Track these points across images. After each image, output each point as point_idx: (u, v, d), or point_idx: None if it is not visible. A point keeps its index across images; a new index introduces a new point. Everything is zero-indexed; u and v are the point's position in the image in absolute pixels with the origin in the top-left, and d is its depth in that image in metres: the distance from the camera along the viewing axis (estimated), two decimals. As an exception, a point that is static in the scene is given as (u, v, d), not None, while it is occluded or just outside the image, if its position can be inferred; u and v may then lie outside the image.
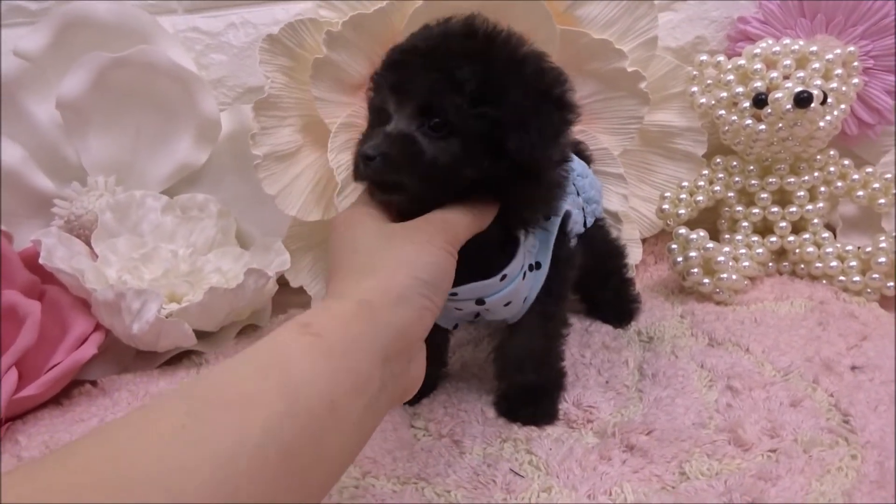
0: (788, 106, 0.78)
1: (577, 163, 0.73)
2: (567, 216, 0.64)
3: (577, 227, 0.68)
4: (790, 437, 0.59)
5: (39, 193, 0.87)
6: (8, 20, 0.92)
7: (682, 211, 0.88)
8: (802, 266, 0.86)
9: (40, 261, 0.76)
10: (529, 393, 0.65)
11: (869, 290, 0.81)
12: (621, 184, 0.90)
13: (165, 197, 0.90)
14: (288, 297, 0.92)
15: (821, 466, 0.55)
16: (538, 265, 0.62)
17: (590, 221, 0.73)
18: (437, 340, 0.66)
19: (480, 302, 0.60)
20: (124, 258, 0.84)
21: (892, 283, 0.79)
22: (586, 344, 0.76)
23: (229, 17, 0.93)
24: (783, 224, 0.87)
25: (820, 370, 0.67)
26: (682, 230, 0.84)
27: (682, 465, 0.57)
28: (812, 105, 0.78)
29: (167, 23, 0.91)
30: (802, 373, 0.67)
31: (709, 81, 0.87)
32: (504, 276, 0.58)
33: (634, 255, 0.91)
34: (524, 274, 0.60)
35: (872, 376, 0.66)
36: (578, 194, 0.70)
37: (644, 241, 0.94)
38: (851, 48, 0.83)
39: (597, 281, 0.77)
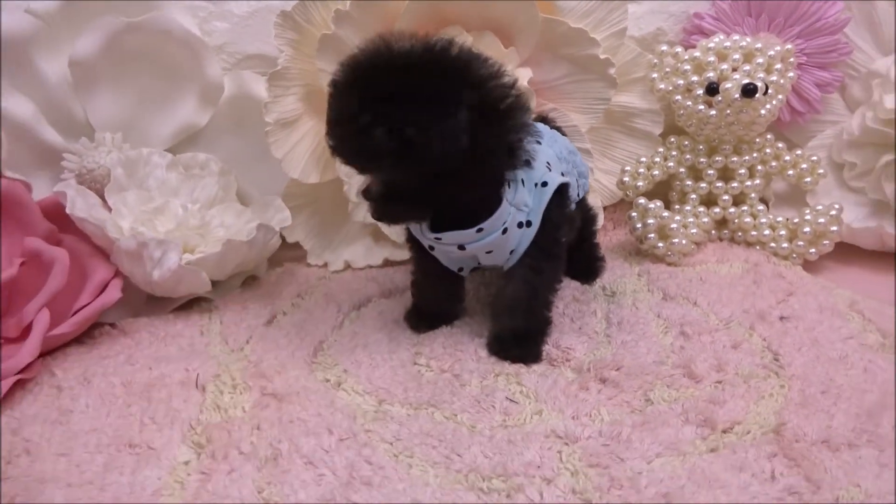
0: (737, 95, 0.91)
1: (568, 143, 0.83)
2: (566, 185, 0.73)
3: (573, 194, 0.78)
4: (733, 371, 0.72)
5: (48, 147, 0.92)
6: (13, -22, 0.94)
7: (640, 183, 1.00)
8: (740, 234, 1.00)
9: (67, 210, 0.81)
10: (517, 336, 0.75)
11: (794, 256, 0.95)
12: (588, 157, 1.01)
13: (170, 155, 0.96)
14: (283, 251, 1.00)
15: (757, 393, 0.69)
16: (528, 223, 0.70)
17: (581, 194, 0.83)
18: (452, 280, 0.78)
19: (461, 247, 0.70)
20: (136, 211, 0.90)
21: (814, 250, 0.94)
22: (560, 297, 0.87)
23: (232, -13, 0.99)
24: (725, 197, 1.00)
25: (755, 319, 0.81)
26: (642, 200, 0.96)
27: (647, 394, 0.69)
28: (757, 95, 0.90)
29: (174, -11, 0.96)
30: (741, 321, 0.81)
31: (667, 69, 0.98)
32: (481, 230, 0.68)
33: (597, 222, 1.02)
34: (505, 229, 0.69)
35: (797, 325, 0.80)
36: (574, 168, 0.81)
37: (605, 208, 1.06)
38: (789, 46, 0.96)
39: (572, 243, 0.87)
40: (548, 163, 0.73)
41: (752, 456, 0.60)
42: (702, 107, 0.94)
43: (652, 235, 0.94)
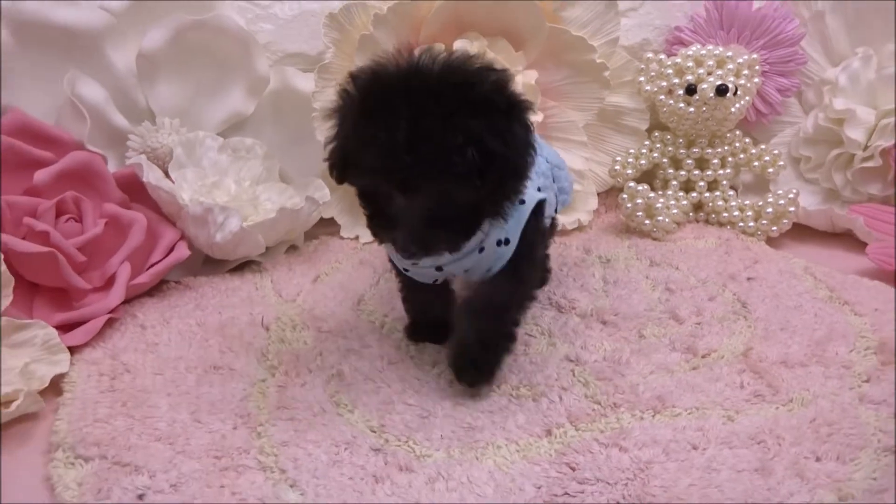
0: (711, 95, 1.07)
1: (555, 154, 0.85)
2: (542, 202, 0.72)
3: (549, 209, 0.78)
4: (709, 315, 0.87)
5: (116, 129, 1.04)
6: (86, -20, 1.07)
7: (629, 171, 1.16)
8: (714, 215, 1.16)
9: (143, 178, 0.94)
10: (482, 344, 0.71)
11: (759, 233, 1.11)
12: (584, 149, 1.16)
13: (221, 138, 1.09)
14: (317, 228, 1.13)
15: (729, 330, 0.84)
16: (507, 241, 0.69)
17: (560, 208, 0.85)
18: (439, 288, 0.77)
19: (439, 269, 0.70)
20: (194, 185, 1.03)
21: (775, 228, 1.10)
22: (561, 262, 1.02)
23: (277, -7, 1.13)
24: (701, 184, 1.16)
25: (726, 279, 0.96)
26: (631, 184, 1.12)
27: (640, 331, 0.84)
28: (728, 95, 1.07)
29: (227, -7, 1.10)
30: (715, 281, 0.96)
31: (652, 74, 1.14)
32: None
33: (591, 203, 1.18)
34: (482, 248, 0.68)
35: (761, 283, 0.95)
36: (554, 181, 0.80)
37: (598, 194, 1.21)
38: (755, 55, 1.13)
39: None
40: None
41: (725, 372, 0.76)
42: (682, 105, 1.10)
43: (640, 213, 1.10)
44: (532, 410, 0.70)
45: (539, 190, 0.73)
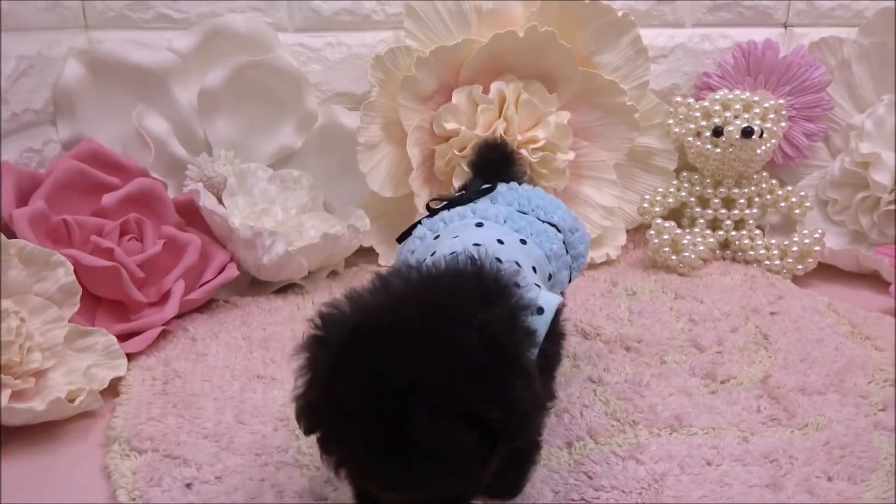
0: (738, 136, 1.12)
1: (570, 216, 0.77)
2: (561, 308, 0.62)
3: (563, 286, 0.72)
4: (730, 345, 0.90)
5: (176, 159, 1.13)
6: (155, 24, 1.18)
7: (657, 209, 1.21)
8: (740, 254, 1.19)
9: (200, 203, 1.02)
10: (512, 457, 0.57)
11: (785, 271, 1.13)
12: (614, 187, 1.21)
13: (271, 170, 1.17)
14: (356, 256, 1.19)
15: (749, 359, 0.87)
16: None
17: (574, 276, 0.76)
18: None
19: None
20: (245, 212, 1.10)
21: (801, 266, 1.13)
22: (589, 293, 1.06)
23: (327, 38, 1.22)
24: (728, 222, 1.20)
25: (749, 313, 0.99)
26: (658, 221, 1.16)
27: (662, 358, 0.88)
28: (753, 137, 1.11)
29: (282, 38, 1.19)
30: (738, 314, 0.99)
31: (681, 117, 1.19)
32: None
33: (620, 239, 1.22)
34: None
35: (784, 317, 0.98)
36: (567, 251, 0.73)
37: (627, 231, 1.26)
38: (781, 101, 1.17)
39: None
40: (533, 267, 0.65)
41: (743, 396, 0.79)
42: (709, 146, 1.15)
43: (666, 249, 1.14)
44: (554, 424, 0.74)
45: (550, 277, 0.67)
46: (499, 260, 0.57)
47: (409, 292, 0.49)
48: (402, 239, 0.74)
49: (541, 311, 0.57)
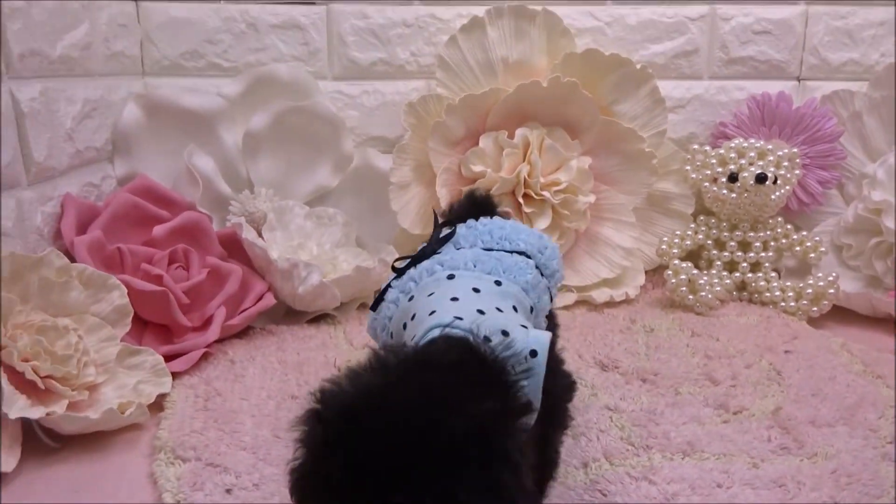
0: (752, 182, 1.17)
1: (534, 236, 0.75)
2: (553, 342, 0.60)
3: (546, 310, 0.71)
4: (744, 379, 0.94)
5: (221, 195, 1.20)
6: (206, 73, 1.28)
7: (675, 251, 1.25)
8: (756, 295, 1.23)
9: (242, 235, 1.09)
10: None
11: (800, 313, 1.17)
12: (633, 229, 1.26)
13: (307, 207, 1.24)
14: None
15: (762, 393, 0.90)
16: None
17: (554, 294, 0.74)
18: None
19: None
20: (282, 246, 1.17)
21: (816, 308, 1.16)
22: (609, 329, 1.11)
23: (364, 86, 1.30)
24: (744, 265, 1.24)
25: (764, 351, 1.03)
26: (676, 261, 1.20)
27: (677, 389, 0.92)
28: (767, 182, 1.16)
29: (322, 85, 1.28)
30: (753, 352, 1.03)
31: (698, 163, 1.25)
32: None
33: (639, 279, 1.27)
34: None
35: (798, 356, 1.01)
36: (542, 275, 0.72)
37: (646, 272, 1.30)
38: (795, 149, 1.23)
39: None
40: (514, 306, 0.63)
41: (754, 426, 0.82)
42: (724, 191, 1.20)
43: (684, 289, 1.18)
44: (571, 446, 0.78)
45: (532, 309, 0.66)
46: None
47: (403, 375, 0.49)
48: (375, 306, 0.71)
49: (534, 353, 0.55)
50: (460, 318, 0.56)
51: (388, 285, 0.71)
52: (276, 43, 1.28)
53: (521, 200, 1.18)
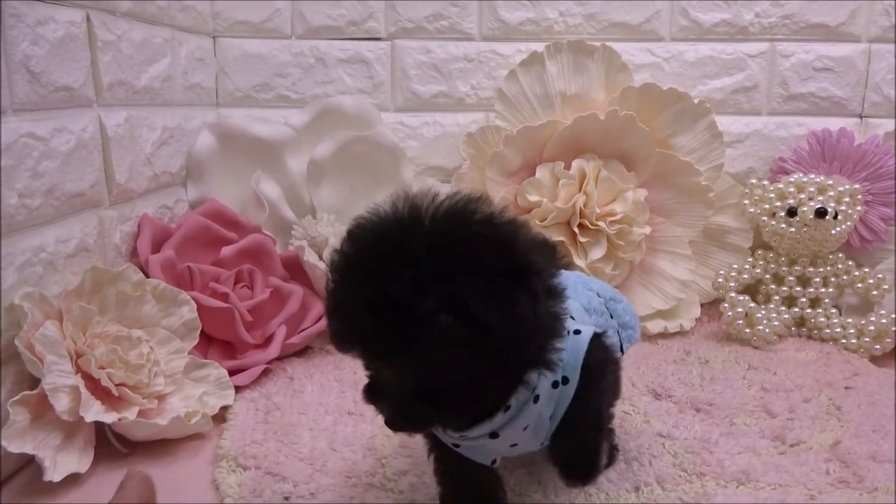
0: (811, 216, 1.16)
1: (608, 288, 0.79)
2: (602, 335, 0.64)
3: (614, 346, 0.70)
4: (802, 413, 0.92)
5: (285, 219, 1.25)
6: (276, 104, 1.34)
7: (731, 284, 1.24)
8: (816, 332, 1.21)
9: (304, 258, 1.13)
10: (578, 455, 0.69)
11: (862, 350, 1.14)
12: (688, 262, 1.26)
13: (367, 233, 1.28)
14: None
15: (820, 426, 0.89)
16: (565, 380, 0.60)
17: (626, 347, 0.75)
18: (487, 479, 0.67)
19: (494, 435, 0.59)
20: (342, 269, 1.21)
21: (878, 346, 1.13)
22: (662, 360, 1.10)
23: (424, 118, 1.35)
24: (803, 300, 1.22)
25: (823, 386, 1.01)
26: (733, 294, 1.20)
27: (731, 420, 0.91)
28: (827, 217, 1.15)
29: (384, 116, 1.33)
30: (811, 387, 1.01)
31: (756, 197, 1.24)
32: (509, 407, 0.57)
33: (694, 311, 1.26)
34: (536, 396, 0.58)
35: (859, 392, 0.99)
36: (612, 317, 0.74)
37: (702, 305, 1.29)
38: (856, 185, 1.21)
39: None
40: (571, 316, 0.64)
41: (812, 458, 0.81)
42: (783, 226, 1.19)
43: (740, 322, 1.17)
44: (623, 470, 0.78)
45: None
46: None
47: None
48: None
49: (578, 332, 0.61)
50: None
51: None
52: (342, 76, 1.34)
53: (576, 230, 1.19)
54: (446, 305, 0.47)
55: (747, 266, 1.25)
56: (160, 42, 1.12)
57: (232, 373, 0.99)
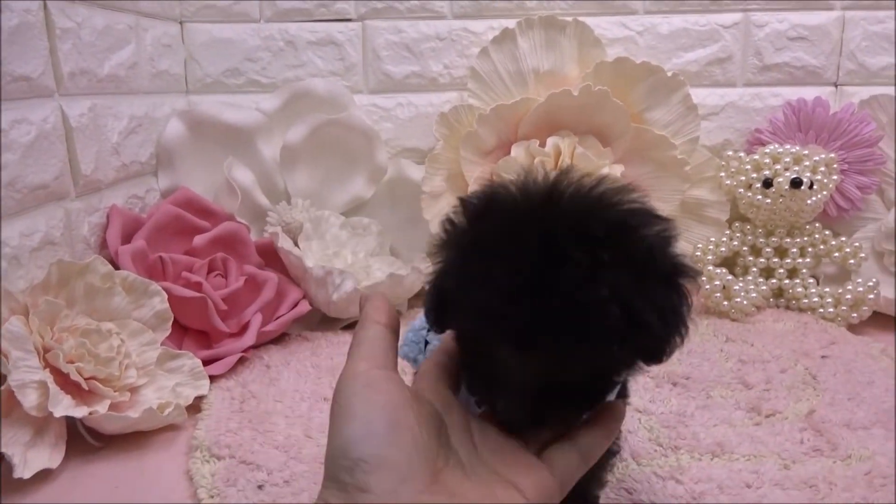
0: (787, 187, 1.15)
1: None
2: None
3: None
4: (778, 384, 0.92)
5: (259, 206, 1.24)
6: (246, 89, 1.32)
7: (709, 257, 1.24)
8: (794, 302, 1.21)
9: (278, 244, 1.12)
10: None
11: (839, 319, 1.15)
12: (666, 236, 1.25)
13: (343, 217, 1.27)
14: (419, 297, 1.27)
15: (796, 396, 0.89)
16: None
17: None
18: None
19: None
20: (318, 255, 1.20)
21: (855, 314, 1.14)
22: (641, 336, 1.10)
23: (398, 99, 1.33)
24: (781, 271, 1.22)
25: (800, 356, 1.01)
26: (710, 267, 1.19)
27: (708, 392, 0.91)
28: (802, 187, 1.15)
29: (357, 99, 1.31)
30: (788, 357, 1.01)
31: (732, 169, 1.24)
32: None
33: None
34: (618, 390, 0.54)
35: (835, 361, 0.99)
36: None
37: (680, 279, 1.29)
38: (832, 154, 1.21)
39: None
40: None
41: (787, 428, 0.81)
42: (759, 197, 1.19)
43: (718, 295, 1.17)
44: (598, 447, 0.78)
45: None
46: None
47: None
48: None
49: None
50: None
51: None
52: (313, 59, 1.32)
53: (552, 208, 1.18)
54: (616, 297, 0.42)
55: (724, 239, 1.25)
56: (123, 28, 1.10)
57: (207, 362, 0.98)
